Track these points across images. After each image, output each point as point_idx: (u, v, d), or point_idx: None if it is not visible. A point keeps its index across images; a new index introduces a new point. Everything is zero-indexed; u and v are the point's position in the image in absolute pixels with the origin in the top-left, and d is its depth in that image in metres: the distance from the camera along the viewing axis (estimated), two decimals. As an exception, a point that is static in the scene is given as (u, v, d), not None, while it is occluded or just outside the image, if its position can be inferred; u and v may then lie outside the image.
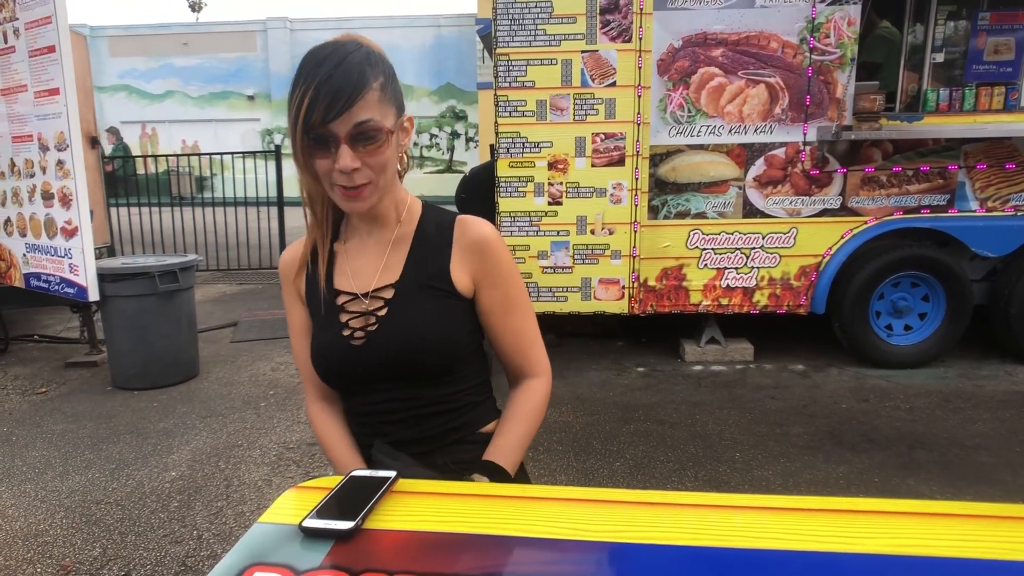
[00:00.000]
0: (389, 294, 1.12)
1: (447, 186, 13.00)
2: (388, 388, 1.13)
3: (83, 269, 4.15)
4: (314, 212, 1.14)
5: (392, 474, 0.88)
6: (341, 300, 1.14)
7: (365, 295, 1.13)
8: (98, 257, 4.31)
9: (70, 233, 4.22)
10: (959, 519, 0.77)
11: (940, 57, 4.28)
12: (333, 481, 0.88)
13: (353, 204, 1.05)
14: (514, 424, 1.15)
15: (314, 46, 1.02)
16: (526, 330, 1.18)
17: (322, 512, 0.79)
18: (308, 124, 0.98)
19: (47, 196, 4.33)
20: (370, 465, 1.15)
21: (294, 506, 0.83)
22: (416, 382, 1.13)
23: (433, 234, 1.14)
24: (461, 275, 1.13)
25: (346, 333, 1.12)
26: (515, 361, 1.19)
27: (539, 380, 1.20)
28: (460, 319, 1.14)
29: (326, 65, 0.97)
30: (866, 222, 4.22)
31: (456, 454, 1.15)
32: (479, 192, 4.89)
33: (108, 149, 17.55)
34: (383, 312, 1.11)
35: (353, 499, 0.82)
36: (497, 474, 1.10)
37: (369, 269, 1.14)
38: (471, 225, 1.15)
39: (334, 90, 0.96)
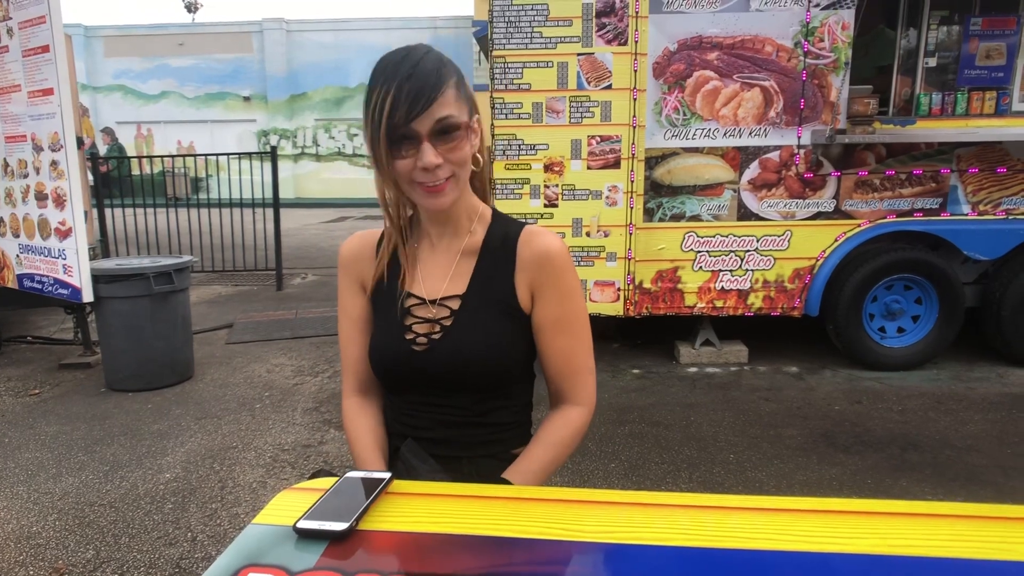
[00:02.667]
0: (455, 304, 1.13)
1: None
2: (435, 393, 1.14)
3: (77, 270, 4.13)
4: (390, 215, 1.14)
5: (387, 475, 0.88)
6: (409, 303, 1.15)
7: (433, 302, 1.13)
8: (90, 257, 4.29)
9: (64, 234, 4.20)
10: (950, 519, 0.78)
11: (933, 62, 4.30)
12: (328, 482, 0.88)
13: (435, 200, 1.05)
14: (541, 450, 1.13)
15: (385, 53, 1.03)
16: (575, 355, 1.15)
17: (316, 513, 0.79)
18: (392, 124, 0.99)
19: (41, 197, 4.31)
20: (394, 460, 1.16)
21: (289, 507, 0.83)
22: (463, 393, 1.13)
23: (499, 246, 1.14)
24: (523, 289, 1.13)
25: (409, 337, 1.13)
26: (558, 384, 1.17)
27: (578, 410, 1.16)
28: (519, 338, 1.14)
29: (404, 66, 0.99)
30: (860, 225, 4.24)
31: (484, 467, 1.15)
32: None
33: (103, 150, 17.49)
34: (448, 322, 1.12)
35: (348, 500, 0.82)
36: None
37: (437, 276, 1.15)
38: (536, 237, 1.13)
39: (415, 89, 0.98)
